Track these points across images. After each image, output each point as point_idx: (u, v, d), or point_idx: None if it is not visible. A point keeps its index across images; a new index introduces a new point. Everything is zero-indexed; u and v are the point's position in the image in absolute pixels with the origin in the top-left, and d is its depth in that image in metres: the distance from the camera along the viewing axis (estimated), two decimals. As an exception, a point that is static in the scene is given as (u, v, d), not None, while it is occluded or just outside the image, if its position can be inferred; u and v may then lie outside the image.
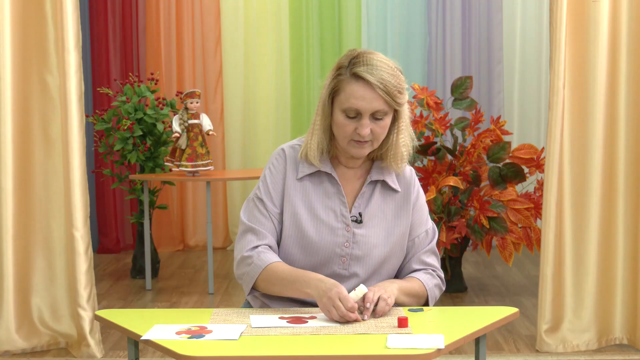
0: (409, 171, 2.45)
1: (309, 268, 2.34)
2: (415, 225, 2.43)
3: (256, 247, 2.34)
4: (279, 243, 2.38)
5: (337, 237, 2.34)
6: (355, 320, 2.13)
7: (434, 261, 2.45)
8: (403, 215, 2.40)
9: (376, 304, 2.20)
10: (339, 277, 2.34)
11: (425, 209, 2.47)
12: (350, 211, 2.37)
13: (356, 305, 2.14)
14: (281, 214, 2.36)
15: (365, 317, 2.16)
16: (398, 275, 2.46)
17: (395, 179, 2.41)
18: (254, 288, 2.35)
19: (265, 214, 2.36)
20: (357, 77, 2.26)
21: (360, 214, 2.37)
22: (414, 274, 2.41)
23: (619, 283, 3.99)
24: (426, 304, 2.40)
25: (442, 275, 2.46)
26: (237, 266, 2.37)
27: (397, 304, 2.32)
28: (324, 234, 2.34)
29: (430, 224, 2.47)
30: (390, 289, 2.25)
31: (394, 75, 2.27)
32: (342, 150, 2.36)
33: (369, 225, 2.36)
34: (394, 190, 2.41)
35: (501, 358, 3.90)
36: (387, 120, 2.30)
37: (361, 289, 2.16)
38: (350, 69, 2.28)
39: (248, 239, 2.35)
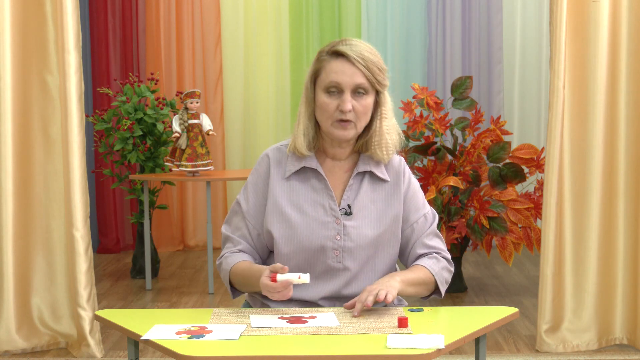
0: (398, 160, 2.45)
1: (303, 264, 2.36)
2: (412, 211, 2.42)
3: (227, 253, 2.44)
4: (266, 246, 2.43)
5: (328, 231, 2.35)
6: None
7: (438, 243, 2.44)
8: (394, 203, 2.40)
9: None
10: (334, 270, 2.36)
11: (419, 194, 2.46)
12: (339, 204, 2.38)
13: (287, 283, 2.18)
14: (259, 216, 2.40)
15: (356, 312, 2.18)
16: (405, 265, 2.46)
17: (384, 169, 2.42)
18: (238, 290, 2.43)
19: (241, 217, 2.42)
20: (337, 54, 2.32)
21: (349, 206, 2.37)
22: (417, 262, 2.40)
23: (619, 283, 3.99)
24: (436, 289, 2.39)
25: (449, 256, 2.44)
26: (220, 274, 2.47)
27: (404, 295, 2.32)
28: (314, 229, 2.35)
29: (428, 208, 2.46)
30: (390, 284, 2.24)
31: (373, 53, 2.33)
32: (327, 136, 2.38)
33: (359, 217, 2.37)
34: (383, 180, 2.41)
35: (501, 358, 3.90)
36: (369, 99, 2.33)
37: (304, 279, 2.18)
38: (328, 51, 2.34)
39: (225, 248, 2.45)
